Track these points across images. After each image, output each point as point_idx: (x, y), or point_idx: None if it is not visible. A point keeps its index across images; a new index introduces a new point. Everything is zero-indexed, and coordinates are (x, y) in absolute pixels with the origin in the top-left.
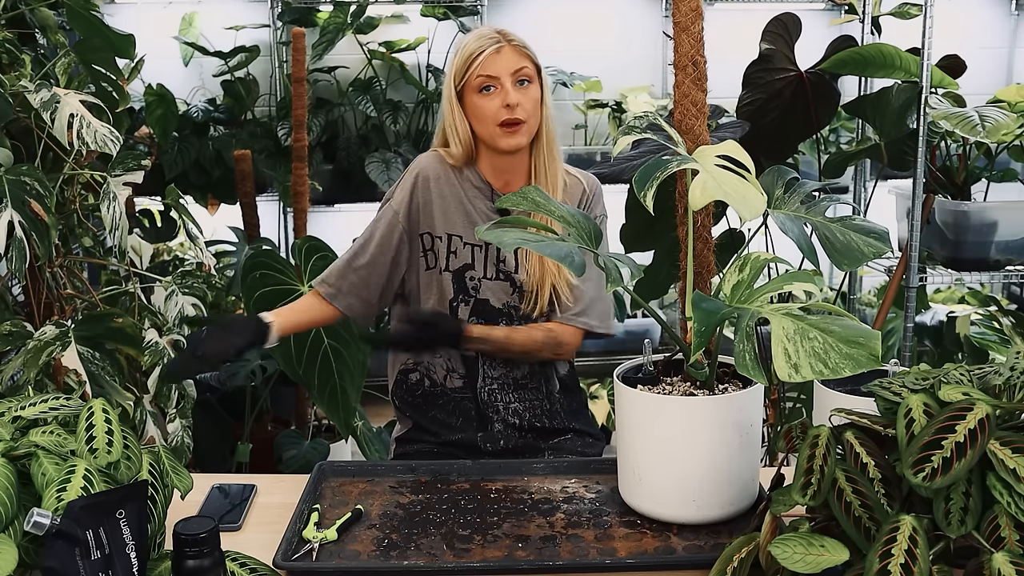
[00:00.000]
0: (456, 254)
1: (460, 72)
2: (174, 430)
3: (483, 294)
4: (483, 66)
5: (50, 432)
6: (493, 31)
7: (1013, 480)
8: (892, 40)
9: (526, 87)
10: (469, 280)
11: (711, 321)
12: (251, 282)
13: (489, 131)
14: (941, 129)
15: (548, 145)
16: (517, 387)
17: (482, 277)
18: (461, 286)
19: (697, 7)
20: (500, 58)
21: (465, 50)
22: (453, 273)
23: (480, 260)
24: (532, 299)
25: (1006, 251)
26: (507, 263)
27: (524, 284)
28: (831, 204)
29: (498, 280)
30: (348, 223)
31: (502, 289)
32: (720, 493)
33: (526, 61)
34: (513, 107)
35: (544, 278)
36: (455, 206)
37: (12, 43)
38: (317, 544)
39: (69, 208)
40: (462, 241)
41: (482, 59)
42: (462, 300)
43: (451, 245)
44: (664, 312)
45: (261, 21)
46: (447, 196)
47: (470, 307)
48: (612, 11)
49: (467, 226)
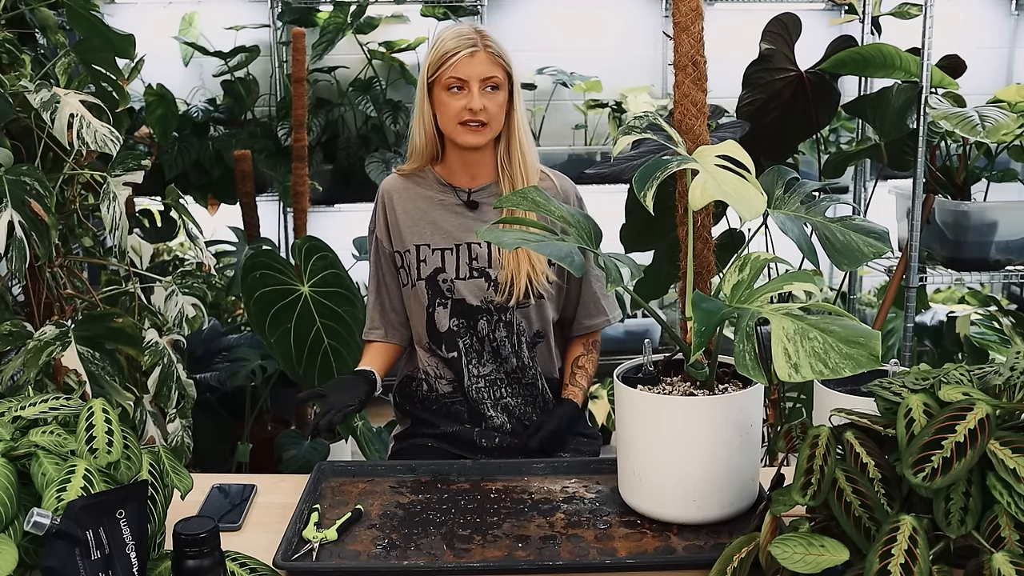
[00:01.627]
0: (426, 261)
1: (433, 67)
2: (174, 430)
3: (459, 294)
4: (455, 67)
5: (50, 432)
6: (473, 31)
7: (1013, 480)
8: (892, 40)
9: (493, 92)
10: (443, 283)
11: (711, 321)
12: (251, 282)
13: (450, 126)
14: (941, 129)
15: (520, 145)
16: (508, 382)
17: (455, 278)
18: (436, 291)
19: (697, 7)
20: (473, 62)
21: (441, 47)
22: (426, 280)
23: (451, 262)
24: (507, 289)
25: (1006, 251)
26: (480, 259)
27: (498, 276)
28: (831, 204)
29: (472, 279)
30: (348, 223)
31: (477, 287)
32: (720, 493)
33: (498, 70)
34: (476, 112)
35: (520, 267)
36: (419, 216)
37: (12, 43)
38: (317, 544)
39: (69, 208)
40: (430, 248)
41: (455, 60)
42: (439, 304)
43: (419, 255)
44: (664, 312)
45: (261, 21)
46: (410, 210)
47: (448, 309)
48: (612, 11)
49: (434, 232)
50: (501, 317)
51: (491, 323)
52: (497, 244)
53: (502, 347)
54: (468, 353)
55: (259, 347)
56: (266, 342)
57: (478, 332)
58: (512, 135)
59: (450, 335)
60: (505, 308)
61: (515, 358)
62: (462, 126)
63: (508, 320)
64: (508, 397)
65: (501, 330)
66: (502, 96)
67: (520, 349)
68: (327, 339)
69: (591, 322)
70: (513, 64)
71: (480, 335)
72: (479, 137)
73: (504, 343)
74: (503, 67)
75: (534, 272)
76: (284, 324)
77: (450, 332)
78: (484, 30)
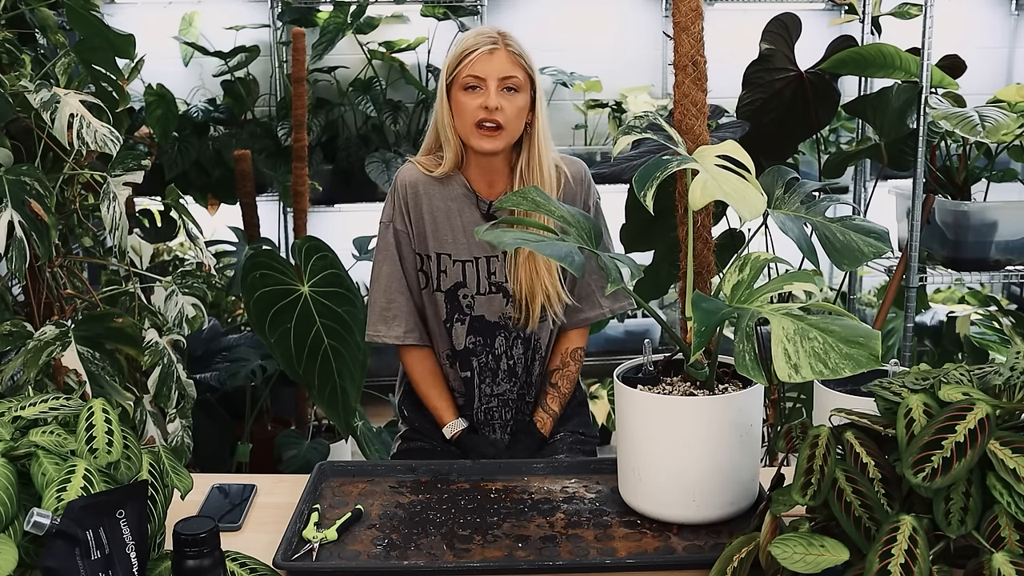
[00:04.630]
0: (447, 273)
1: (452, 66)
2: (174, 430)
3: (478, 311)
4: (472, 65)
5: (50, 432)
6: (495, 32)
7: (1013, 480)
8: (892, 40)
9: (512, 94)
10: (463, 298)
11: (711, 321)
12: (251, 282)
13: (466, 129)
14: (941, 129)
15: (540, 156)
16: (517, 400)
17: (475, 294)
18: (455, 305)
19: (697, 7)
20: (492, 60)
21: (461, 45)
22: (445, 293)
23: (472, 276)
24: (523, 309)
25: (1006, 251)
26: (498, 275)
27: (515, 294)
28: (831, 204)
29: (491, 294)
30: (348, 223)
31: (496, 302)
32: (720, 493)
33: (518, 70)
34: (492, 110)
35: (535, 289)
36: (443, 221)
37: (12, 43)
38: (317, 544)
39: (69, 208)
40: (451, 259)
41: (473, 57)
42: (457, 320)
43: (440, 264)
44: (664, 312)
45: (261, 21)
46: (435, 211)
47: (466, 325)
48: (612, 11)
49: (455, 242)
50: (520, 334)
51: (509, 340)
52: (497, 244)
53: (518, 364)
54: (482, 372)
55: (259, 347)
56: (266, 342)
57: (495, 350)
58: (533, 145)
59: (465, 353)
60: (523, 327)
61: (527, 375)
62: (478, 129)
63: (527, 337)
64: (512, 415)
65: (518, 347)
66: (522, 99)
67: (533, 366)
68: (327, 339)
69: (583, 315)
70: (536, 69)
71: (496, 353)
72: (495, 142)
73: (520, 360)
74: (524, 69)
75: (549, 302)
76: (284, 324)
77: (466, 351)
78: (508, 32)
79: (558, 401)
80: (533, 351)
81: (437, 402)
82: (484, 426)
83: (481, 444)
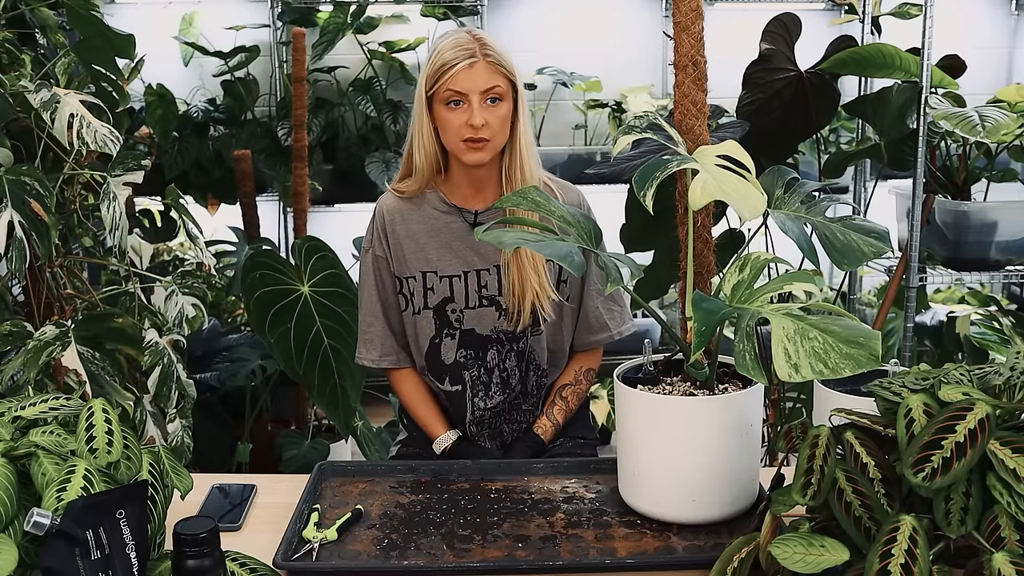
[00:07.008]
0: (433, 290)
1: (431, 80)
2: (174, 430)
3: (467, 324)
4: (453, 80)
5: (50, 432)
6: (471, 40)
7: (1013, 480)
8: (892, 40)
9: (496, 104)
10: (451, 313)
11: (711, 321)
12: (251, 282)
13: (454, 144)
14: (941, 129)
15: (521, 158)
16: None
17: (464, 308)
18: (443, 321)
19: (697, 7)
20: (472, 74)
21: (438, 58)
22: (433, 310)
23: (460, 291)
24: (515, 315)
25: (1006, 251)
26: (489, 287)
27: (508, 305)
28: (831, 204)
29: (482, 307)
30: (348, 223)
31: (487, 316)
32: (720, 493)
33: (499, 79)
34: (478, 127)
35: (525, 292)
36: (425, 240)
37: (12, 43)
38: (317, 544)
39: (69, 208)
40: (437, 276)
41: (453, 73)
42: (447, 335)
43: (426, 282)
44: (664, 312)
45: (261, 21)
46: (415, 233)
47: (456, 340)
48: (612, 11)
49: (440, 259)
50: (513, 346)
51: (502, 352)
52: (497, 244)
53: (511, 376)
54: (475, 385)
55: (259, 347)
56: (266, 342)
57: (487, 363)
58: (515, 146)
59: (455, 367)
60: (517, 337)
61: (522, 384)
62: (464, 143)
63: (520, 349)
64: (506, 427)
65: (511, 359)
66: (505, 107)
67: (528, 377)
68: (327, 339)
69: (593, 337)
70: (516, 70)
71: (488, 366)
72: (483, 154)
73: (514, 372)
74: (505, 75)
75: (538, 299)
76: (284, 324)
77: (456, 364)
78: (484, 37)
79: (563, 414)
80: (527, 362)
81: (426, 419)
82: (477, 438)
83: (474, 453)
